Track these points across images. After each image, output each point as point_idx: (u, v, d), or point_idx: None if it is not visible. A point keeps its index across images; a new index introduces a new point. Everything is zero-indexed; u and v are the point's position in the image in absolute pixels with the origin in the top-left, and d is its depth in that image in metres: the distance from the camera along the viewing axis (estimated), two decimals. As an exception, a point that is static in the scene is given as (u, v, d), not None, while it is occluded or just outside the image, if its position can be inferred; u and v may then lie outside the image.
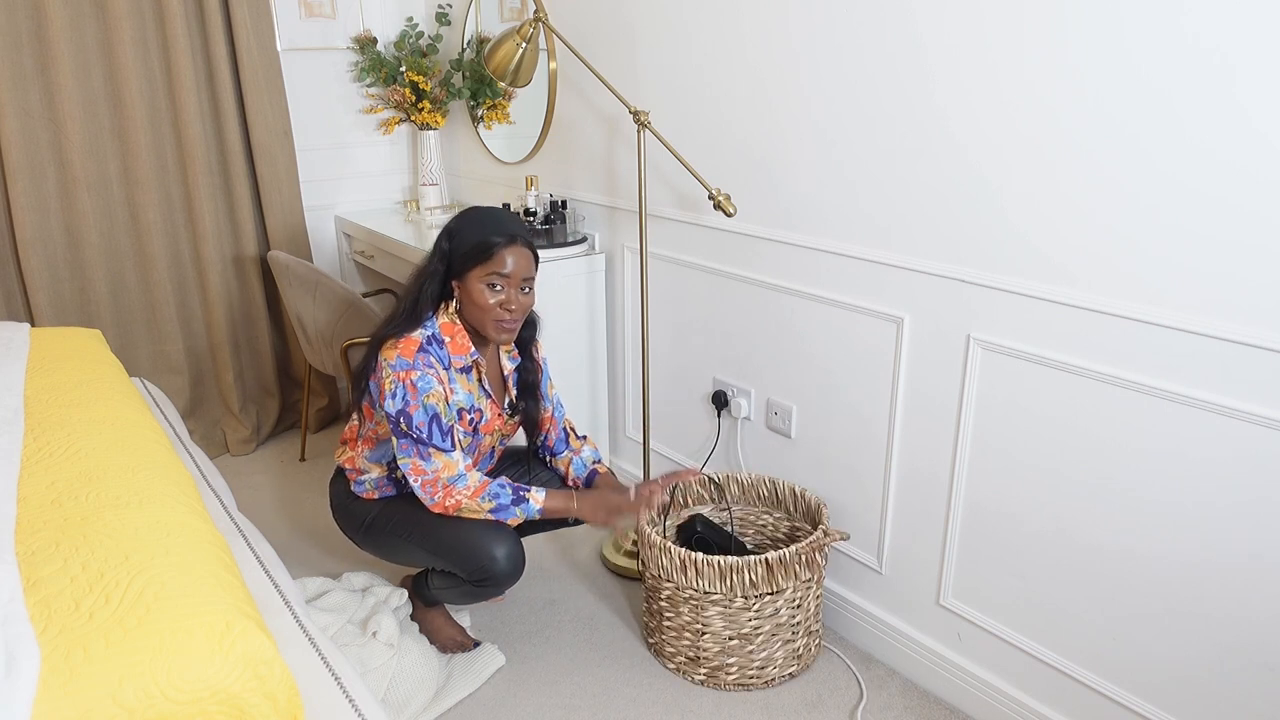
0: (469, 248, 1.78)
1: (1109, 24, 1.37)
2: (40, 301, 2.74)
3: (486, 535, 1.82)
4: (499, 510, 1.81)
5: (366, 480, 1.95)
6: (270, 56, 2.94)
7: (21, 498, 1.32)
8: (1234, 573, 1.41)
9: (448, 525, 1.84)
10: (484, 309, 1.79)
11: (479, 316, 1.80)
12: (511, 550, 1.83)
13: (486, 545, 1.82)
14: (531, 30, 2.25)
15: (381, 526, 1.94)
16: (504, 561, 1.82)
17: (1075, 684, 1.67)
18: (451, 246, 1.82)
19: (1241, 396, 1.34)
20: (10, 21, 2.53)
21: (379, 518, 1.94)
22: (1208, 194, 1.32)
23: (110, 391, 1.79)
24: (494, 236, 1.77)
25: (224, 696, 1.02)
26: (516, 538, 1.86)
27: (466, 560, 1.83)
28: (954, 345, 1.72)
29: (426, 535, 1.86)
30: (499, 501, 1.81)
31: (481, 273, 1.77)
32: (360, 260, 3.26)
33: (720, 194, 1.97)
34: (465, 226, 1.82)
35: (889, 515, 1.94)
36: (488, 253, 1.77)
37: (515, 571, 1.85)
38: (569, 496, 1.87)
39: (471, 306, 1.80)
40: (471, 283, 1.79)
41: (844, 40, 1.77)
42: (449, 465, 1.78)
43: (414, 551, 1.91)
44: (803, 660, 1.98)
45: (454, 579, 1.91)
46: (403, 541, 1.91)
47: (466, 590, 1.91)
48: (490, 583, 1.85)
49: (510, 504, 1.82)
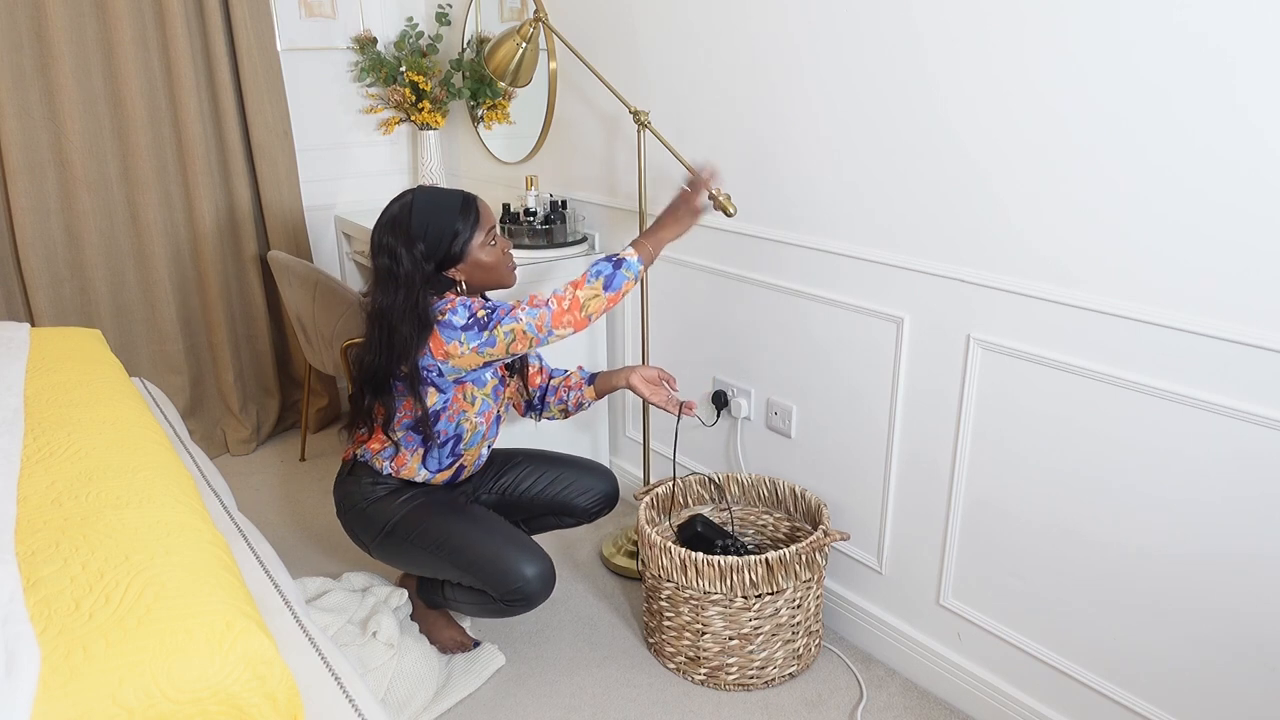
0: (452, 232, 1.76)
1: (1110, 24, 1.37)
2: (40, 301, 2.73)
3: (518, 553, 1.79)
4: (610, 282, 1.75)
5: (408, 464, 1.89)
6: (270, 56, 2.94)
7: (22, 497, 1.32)
8: (1233, 572, 1.41)
9: (477, 541, 1.81)
10: (498, 263, 1.83)
11: (495, 275, 1.84)
12: (542, 569, 1.80)
13: (518, 565, 1.78)
14: (531, 30, 2.25)
15: (404, 535, 1.87)
16: (535, 581, 1.78)
17: (1075, 684, 1.67)
18: (428, 246, 1.76)
19: (1241, 396, 1.34)
20: (10, 21, 2.53)
21: (401, 525, 1.87)
22: (1208, 194, 1.32)
23: (110, 391, 1.79)
24: (464, 210, 1.79)
25: (224, 696, 1.02)
26: (547, 556, 1.82)
27: (497, 579, 1.79)
28: (954, 345, 1.72)
29: (455, 551, 1.82)
30: (604, 274, 1.76)
31: (481, 239, 1.79)
32: (360, 260, 3.26)
33: (720, 194, 1.97)
34: (428, 222, 1.76)
35: (889, 515, 1.94)
36: (475, 223, 1.78)
37: (546, 590, 1.81)
38: (655, 227, 1.84)
39: (484, 272, 1.82)
40: (474, 253, 1.80)
41: (845, 40, 1.77)
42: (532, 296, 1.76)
43: (440, 566, 1.86)
44: (803, 660, 1.98)
45: (478, 595, 1.86)
46: (425, 554, 1.86)
47: (493, 608, 1.87)
48: (521, 603, 1.81)
49: (614, 270, 1.76)
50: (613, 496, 2.10)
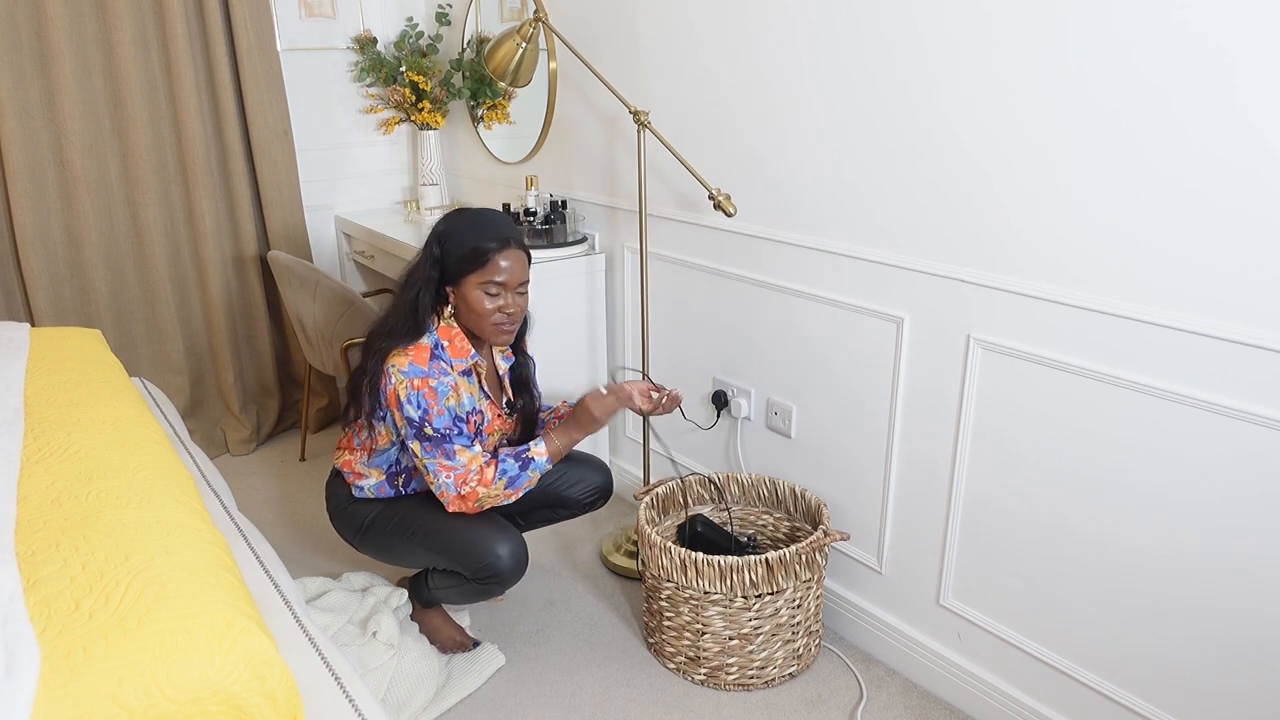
0: (464, 254, 1.75)
1: (1110, 24, 1.37)
2: (40, 301, 2.73)
3: (489, 533, 1.83)
4: (513, 483, 1.80)
5: (366, 486, 1.95)
6: (270, 56, 2.94)
7: (22, 497, 1.32)
8: (1233, 572, 1.41)
9: (450, 523, 1.84)
10: (482, 315, 1.78)
11: (477, 322, 1.80)
12: (514, 548, 1.83)
13: (489, 543, 1.82)
14: (531, 30, 2.25)
15: (381, 527, 1.93)
16: (508, 559, 1.82)
17: (1075, 684, 1.67)
18: (444, 252, 1.78)
19: (1241, 396, 1.34)
20: (10, 21, 2.53)
21: (379, 519, 1.94)
22: (1208, 194, 1.32)
23: (110, 391, 1.79)
24: (488, 242, 1.74)
25: (224, 696, 1.02)
26: (519, 535, 1.87)
27: (469, 558, 1.83)
28: (954, 345, 1.72)
29: (428, 534, 1.86)
30: (509, 474, 1.80)
31: (478, 279, 1.76)
32: (360, 260, 3.26)
33: (720, 194, 1.97)
34: (456, 231, 1.78)
35: (889, 515, 1.94)
36: (483, 259, 1.74)
37: (519, 568, 1.85)
38: (567, 427, 1.86)
39: (469, 312, 1.79)
40: (468, 289, 1.77)
41: (845, 40, 1.77)
42: (472, 457, 1.78)
43: (415, 551, 1.91)
44: (803, 660, 1.98)
45: (455, 578, 1.91)
46: (403, 541, 1.91)
47: (469, 589, 1.90)
48: (494, 580, 1.84)
49: (520, 470, 1.80)
50: (606, 488, 2.12)
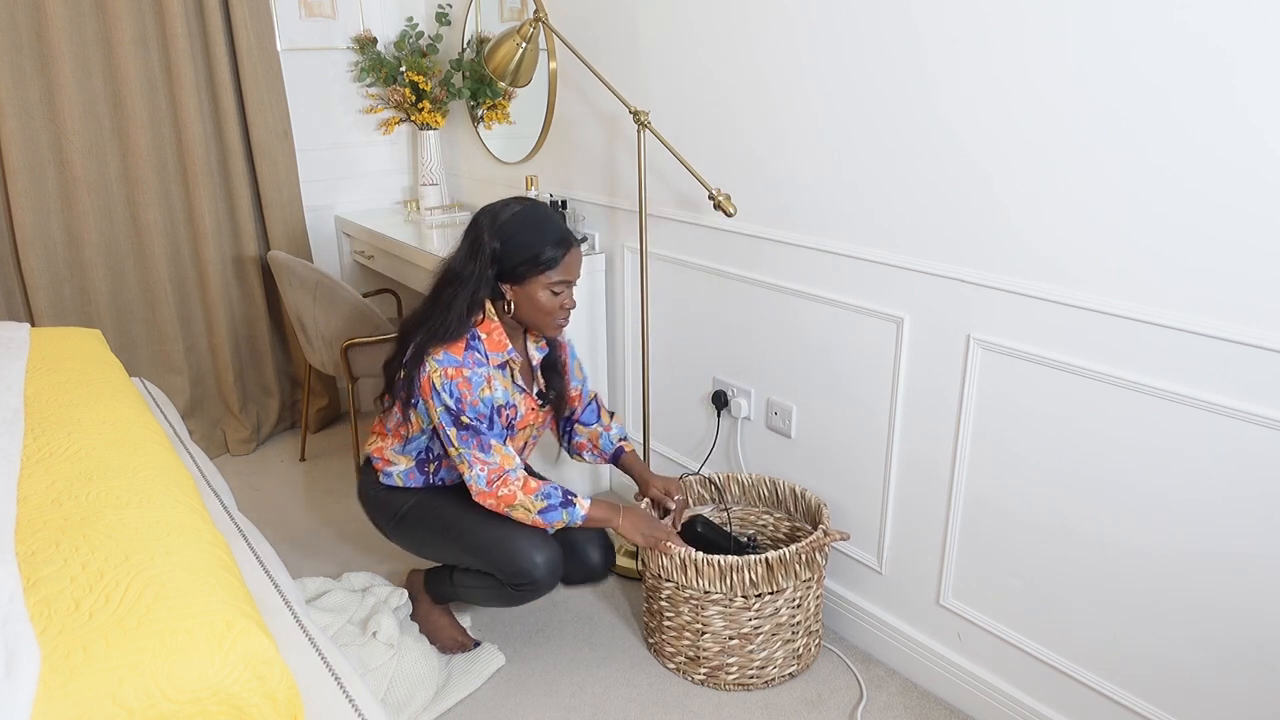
0: (530, 255, 1.76)
1: (1110, 24, 1.37)
2: (40, 301, 2.73)
3: (528, 540, 1.82)
4: (548, 511, 1.80)
5: (395, 473, 1.95)
6: (270, 56, 2.94)
7: (22, 497, 1.32)
8: (1233, 572, 1.41)
9: (489, 525, 1.84)
10: (549, 312, 1.81)
11: (538, 318, 1.82)
12: (551, 557, 1.83)
13: (528, 550, 1.81)
14: (531, 30, 2.25)
15: (417, 519, 1.93)
16: (544, 567, 1.82)
17: (1075, 684, 1.67)
18: (504, 250, 1.77)
19: (1241, 396, 1.34)
20: (10, 21, 2.53)
21: (414, 510, 1.93)
22: (1208, 194, 1.32)
23: (110, 391, 1.79)
24: (556, 245, 1.77)
25: (224, 696, 1.02)
26: (557, 545, 1.86)
27: (506, 563, 1.82)
28: (954, 345, 1.72)
29: (464, 534, 1.86)
30: (550, 502, 1.80)
31: (547, 280, 1.78)
32: (360, 260, 3.26)
33: (720, 194, 1.97)
34: (519, 231, 1.77)
35: (889, 515, 1.94)
36: (554, 262, 1.77)
37: (553, 578, 1.85)
38: (614, 510, 1.86)
39: (532, 309, 1.81)
40: (535, 289, 1.78)
41: (845, 40, 1.77)
42: (506, 458, 1.79)
43: (449, 548, 1.90)
44: (803, 660, 1.98)
45: (485, 579, 1.90)
46: (437, 537, 1.90)
47: (500, 593, 1.89)
48: (529, 588, 1.84)
49: (560, 505, 1.81)
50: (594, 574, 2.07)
